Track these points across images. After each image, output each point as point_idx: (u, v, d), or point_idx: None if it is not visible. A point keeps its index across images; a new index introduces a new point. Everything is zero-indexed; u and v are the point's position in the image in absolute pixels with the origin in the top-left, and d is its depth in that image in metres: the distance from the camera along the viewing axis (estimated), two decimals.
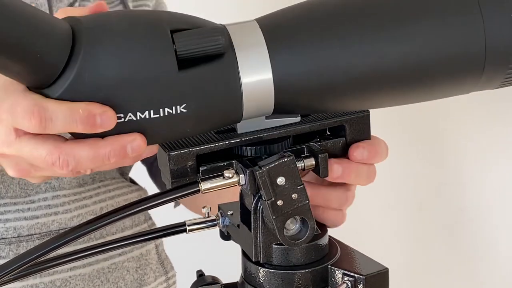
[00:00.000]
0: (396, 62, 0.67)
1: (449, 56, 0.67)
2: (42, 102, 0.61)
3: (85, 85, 0.61)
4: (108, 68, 0.61)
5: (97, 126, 0.62)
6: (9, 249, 0.89)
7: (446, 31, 0.67)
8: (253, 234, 0.68)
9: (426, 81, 0.69)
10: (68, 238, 0.64)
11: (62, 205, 0.92)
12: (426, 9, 0.67)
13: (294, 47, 0.66)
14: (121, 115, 0.63)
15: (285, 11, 0.69)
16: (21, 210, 0.89)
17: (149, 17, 0.64)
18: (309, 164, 0.69)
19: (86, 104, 0.61)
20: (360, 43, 0.66)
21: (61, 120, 0.61)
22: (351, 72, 0.67)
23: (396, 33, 0.66)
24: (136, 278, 0.98)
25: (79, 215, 0.93)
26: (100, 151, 0.63)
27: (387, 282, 0.69)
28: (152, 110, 0.63)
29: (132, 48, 0.62)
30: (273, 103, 0.66)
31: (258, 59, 0.65)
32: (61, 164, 0.63)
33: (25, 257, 0.63)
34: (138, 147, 0.63)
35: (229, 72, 0.64)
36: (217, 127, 0.68)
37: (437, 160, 1.61)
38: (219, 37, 0.63)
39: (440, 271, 1.64)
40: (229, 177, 0.66)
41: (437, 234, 1.63)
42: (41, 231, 0.90)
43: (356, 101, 0.69)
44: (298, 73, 0.66)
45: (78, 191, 0.94)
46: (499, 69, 0.69)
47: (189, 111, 0.64)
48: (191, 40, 0.63)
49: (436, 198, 1.61)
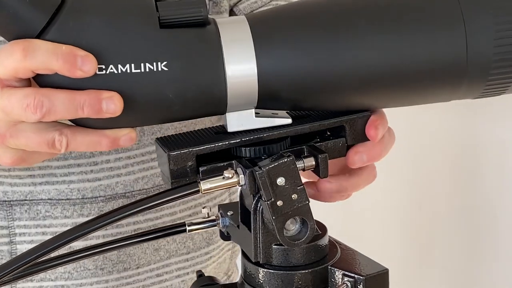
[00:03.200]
0: (378, 64, 0.68)
1: (430, 64, 0.68)
2: (26, 39, 0.64)
3: (69, 32, 0.64)
4: (91, 18, 0.64)
5: (76, 68, 0.63)
6: (73, 209, 0.89)
7: (429, 40, 0.68)
8: (253, 234, 0.68)
9: (406, 87, 0.70)
10: (68, 238, 0.64)
11: (125, 167, 0.90)
12: (410, 17, 0.68)
13: (278, 38, 0.67)
14: (102, 66, 0.64)
15: (273, 9, 0.71)
16: (84, 172, 0.89)
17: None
18: (309, 164, 0.69)
19: (70, 46, 0.64)
20: (341, 44, 0.67)
21: (43, 51, 0.63)
22: (332, 71, 0.68)
23: (379, 37, 0.68)
24: (205, 237, 0.98)
25: (143, 177, 0.91)
26: (76, 97, 0.64)
27: (387, 283, 0.69)
28: (133, 64, 0.64)
29: (116, 3, 0.65)
30: (256, 75, 0.67)
31: (240, 30, 0.67)
32: (35, 105, 0.64)
33: (24, 257, 0.63)
34: (114, 105, 0.64)
35: (211, 39, 0.66)
36: (201, 101, 0.68)
37: (437, 160, 1.61)
38: (201, 7, 0.66)
39: (440, 271, 1.64)
40: (229, 177, 0.66)
41: (437, 234, 1.63)
42: (105, 194, 0.89)
43: (337, 99, 0.70)
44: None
45: (141, 152, 0.92)
46: (480, 78, 0.70)
47: (170, 70, 0.65)
48: (173, 6, 0.65)
49: (436, 198, 1.61)
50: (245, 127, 0.69)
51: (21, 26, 0.64)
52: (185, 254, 0.96)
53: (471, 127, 1.55)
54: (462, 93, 0.71)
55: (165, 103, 0.66)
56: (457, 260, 1.61)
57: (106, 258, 0.90)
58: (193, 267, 0.96)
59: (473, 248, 1.59)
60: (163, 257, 0.94)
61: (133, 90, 0.65)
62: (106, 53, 0.64)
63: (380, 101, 0.71)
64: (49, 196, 0.88)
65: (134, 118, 0.67)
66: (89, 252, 0.71)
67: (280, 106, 0.70)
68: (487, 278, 1.59)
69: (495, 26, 0.68)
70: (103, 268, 0.90)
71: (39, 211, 0.88)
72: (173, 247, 0.94)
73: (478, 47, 0.68)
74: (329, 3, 0.69)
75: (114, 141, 0.68)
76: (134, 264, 0.92)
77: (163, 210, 0.93)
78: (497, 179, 1.54)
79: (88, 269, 0.90)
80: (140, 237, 0.73)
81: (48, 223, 0.88)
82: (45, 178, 0.88)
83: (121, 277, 0.92)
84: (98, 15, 0.64)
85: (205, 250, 0.97)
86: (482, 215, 1.57)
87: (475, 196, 1.57)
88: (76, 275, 0.90)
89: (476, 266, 1.60)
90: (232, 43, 0.66)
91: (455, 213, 1.60)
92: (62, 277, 0.90)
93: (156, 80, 0.65)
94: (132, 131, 0.68)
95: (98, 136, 0.68)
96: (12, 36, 0.65)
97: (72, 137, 0.67)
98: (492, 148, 1.54)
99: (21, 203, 0.88)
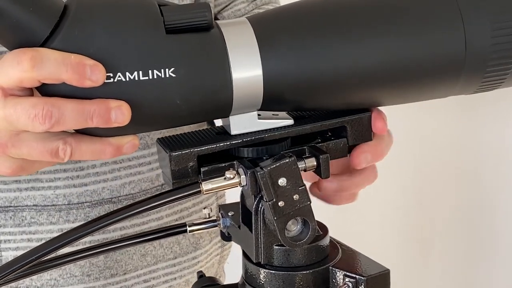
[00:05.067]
0: (380, 63, 0.68)
1: (431, 61, 0.69)
2: (33, 47, 0.63)
3: (75, 40, 0.63)
4: (97, 25, 0.63)
5: (85, 78, 0.62)
6: (59, 215, 0.88)
7: (428, 37, 0.69)
8: (254, 235, 0.68)
9: (407, 83, 0.70)
10: (68, 239, 0.64)
11: (111, 172, 0.89)
12: (409, 13, 0.69)
13: (283, 40, 0.67)
14: (110, 74, 0.63)
15: (275, 10, 0.71)
16: (70, 178, 0.87)
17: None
18: (311, 165, 0.69)
19: (78, 55, 0.62)
20: (343, 44, 0.68)
21: (52, 62, 0.62)
22: (335, 71, 0.68)
23: (381, 35, 0.68)
24: (192, 242, 0.97)
25: (130, 182, 0.90)
26: (85, 107, 0.63)
27: (389, 283, 0.69)
28: (141, 71, 0.63)
29: (121, 10, 0.64)
30: (261, 78, 0.67)
31: (245, 34, 0.67)
32: (44, 115, 0.63)
33: (26, 258, 0.63)
34: (122, 115, 0.63)
35: (216, 44, 0.66)
36: (207, 106, 0.67)
37: (437, 160, 1.60)
38: (205, 11, 0.65)
39: (441, 271, 1.64)
40: (230, 178, 0.66)
41: (437, 234, 1.63)
42: (92, 199, 0.88)
43: (339, 98, 0.70)
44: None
45: (128, 157, 0.91)
46: (477, 74, 0.70)
47: (178, 76, 0.64)
48: (178, 11, 0.65)
49: (436, 198, 1.61)
50: (248, 129, 0.69)
51: (25, 35, 0.63)
52: (172, 259, 0.95)
53: (471, 127, 1.55)
54: (458, 89, 0.72)
55: (172, 109, 0.66)
56: (457, 260, 1.61)
57: (93, 265, 0.90)
58: (180, 272, 0.96)
59: (473, 248, 1.59)
60: (150, 262, 0.93)
61: (141, 97, 0.64)
62: (114, 61, 0.63)
63: (381, 99, 0.71)
64: (35, 202, 0.87)
65: (141, 125, 0.67)
66: (90, 252, 0.71)
67: (282, 107, 0.70)
68: (487, 278, 1.59)
69: (492, 23, 0.69)
70: (90, 275, 0.89)
71: (24, 218, 0.87)
72: (160, 252, 0.94)
73: (476, 42, 0.69)
74: (329, 4, 0.69)
75: (118, 149, 0.67)
76: (121, 270, 0.91)
77: (149, 215, 0.92)
78: (497, 179, 1.54)
79: (74, 275, 0.89)
80: (142, 237, 0.73)
81: (34, 230, 0.87)
82: (30, 184, 0.87)
83: (108, 283, 0.91)
84: (103, 22, 0.63)
85: (192, 255, 0.97)
86: (482, 215, 1.57)
87: (475, 196, 1.57)
88: (63, 282, 0.89)
89: (476, 266, 1.60)
90: (237, 47, 0.66)
91: (455, 213, 1.60)
92: (48, 284, 0.89)
93: (164, 87, 0.64)
94: (135, 138, 0.67)
95: (102, 145, 0.67)
96: (15, 45, 0.64)
97: (77, 146, 0.66)
98: (492, 148, 1.54)
99: (6, 209, 0.87)
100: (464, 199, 1.59)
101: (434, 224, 1.63)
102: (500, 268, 1.57)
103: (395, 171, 1.56)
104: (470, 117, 1.54)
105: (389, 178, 1.53)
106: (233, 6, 1.02)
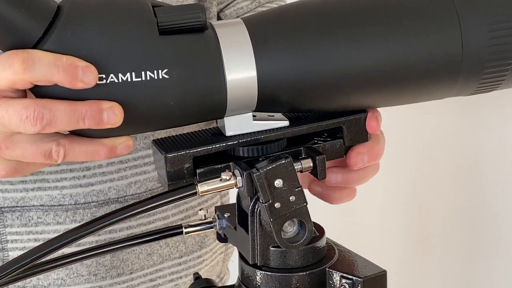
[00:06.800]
0: (376, 64, 0.68)
1: (428, 63, 0.69)
2: (23, 49, 0.62)
3: (68, 41, 0.63)
4: (90, 26, 0.63)
5: (77, 80, 0.62)
6: (66, 215, 0.88)
7: (425, 39, 0.68)
8: (250, 236, 0.68)
9: (404, 86, 0.70)
10: (68, 239, 0.64)
11: (118, 172, 0.89)
12: (406, 15, 0.69)
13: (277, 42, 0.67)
14: (103, 75, 0.63)
15: (269, 11, 0.71)
16: (76, 178, 0.87)
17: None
18: (307, 166, 0.68)
19: (70, 56, 0.62)
20: (339, 45, 0.67)
21: (44, 63, 0.62)
22: (331, 72, 0.68)
23: (376, 36, 0.68)
24: (197, 240, 0.97)
25: (136, 181, 0.91)
26: (77, 108, 0.63)
27: (385, 285, 0.69)
28: (134, 73, 0.63)
29: (114, 11, 0.64)
30: (256, 80, 0.66)
31: (239, 35, 0.67)
32: (35, 117, 0.63)
33: (17, 263, 0.63)
34: (114, 116, 0.63)
35: (210, 45, 0.65)
36: (201, 108, 0.67)
37: (437, 160, 1.60)
38: (199, 12, 0.65)
39: (440, 272, 1.64)
40: (226, 179, 0.66)
41: (436, 235, 1.63)
42: (98, 199, 0.88)
43: (335, 100, 0.70)
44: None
45: (134, 157, 0.91)
46: (475, 75, 0.70)
47: (171, 77, 0.64)
48: (172, 12, 0.65)
49: (436, 198, 1.61)
50: (243, 130, 0.69)
51: (17, 36, 0.63)
52: (178, 258, 0.95)
53: (471, 127, 1.55)
54: (456, 91, 0.72)
55: (165, 111, 0.65)
56: (456, 261, 1.61)
57: (100, 264, 0.90)
58: (186, 270, 0.96)
59: (473, 249, 1.59)
60: (156, 261, 0.94)
61: (134, 98, 0.64)
62: (106, 62, 0.63)
63: (378, 100, 0.71)
64: (41, 202, 0.87)
65: (134, 126, 0.67)
66: (84, 255, 0.71)
67: (278, 109, 0.70)
68: (487, 279, 1.59)
69: (489, 24, 0.69)
70: (97, 274, 0.90)
71: (31, 218, 0.88)
72: (166, 251, 0.94)
73: (474, 43, 0.69)
74: (325, 5, 0.69)
75: (112, 150, 0.67)
76: (128, 269, 0.91)
77: (156, 215, 0.92)
78: (497, 179, 1.54)
79: (81, 275, 0.89)
80: (137, 239, 0.73)
81: (40, 230, 0.88)
82: (37, 184, 0.87)
83: (115, 282, 0.91)
84: (96, 23, 0.63)
85: (198, 253, 0.97)
86: (482, 215, 1.57)
87: (475, 196, 1.57)
88: (69, 282, 0.89)
89: (476, 266, 1.59)
90: (231, 48, 0.66)
91: (455, 213, 1.60)
92: (55, 283, 0.89)
93: (157, 88, 0.64)
94: (129, 139, 0.67)
95: (96, 146, 0.67)
96: (7, 46, 0.63)
97: (70, 147, 0.66)
98: (492, 148, 1.53)
99: (13, 209, 0.87)
100: (464, 199, 1.58)
101: (434, 224, 1.63)
102: (500, 268, 1.56)
103: (395, 171, 1.56)
104: (470, 117, 1.54)
105: (389, 178, 1.52)
106: (235, 4, 1.01)
